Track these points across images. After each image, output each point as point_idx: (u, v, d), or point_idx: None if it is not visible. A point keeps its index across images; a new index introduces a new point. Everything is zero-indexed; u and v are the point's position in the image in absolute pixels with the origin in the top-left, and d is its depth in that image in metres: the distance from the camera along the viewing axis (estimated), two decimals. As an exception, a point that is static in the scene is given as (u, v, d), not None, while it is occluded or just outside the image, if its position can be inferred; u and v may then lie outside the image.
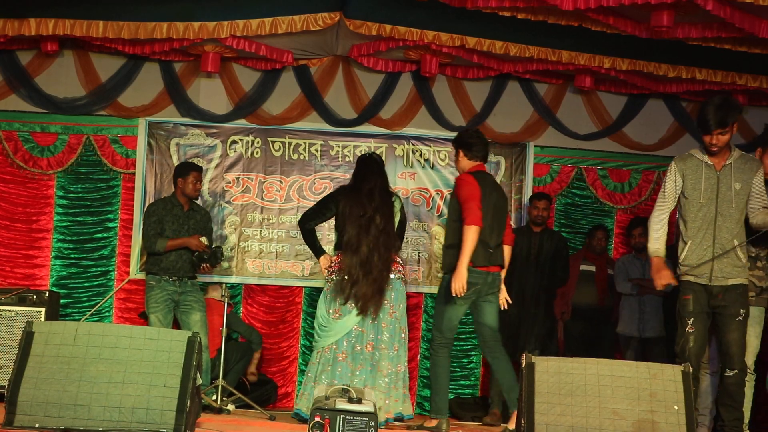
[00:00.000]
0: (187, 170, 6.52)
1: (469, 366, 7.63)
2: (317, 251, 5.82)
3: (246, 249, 7.51)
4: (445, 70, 7.47)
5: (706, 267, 4.72)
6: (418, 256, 7.59)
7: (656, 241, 4.84)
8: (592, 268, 7.41)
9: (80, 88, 7.36)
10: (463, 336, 7.53)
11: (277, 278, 7.53)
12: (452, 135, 7.39)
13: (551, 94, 7.75)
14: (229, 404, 6.21)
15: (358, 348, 5.57)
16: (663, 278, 4.80)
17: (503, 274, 5.57)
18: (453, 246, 5.35)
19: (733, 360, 4.73)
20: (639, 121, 7.84)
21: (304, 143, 7.61)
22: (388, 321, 5.58)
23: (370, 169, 5.69)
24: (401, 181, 7.56)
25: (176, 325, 6.49)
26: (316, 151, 7.59)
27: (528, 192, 7.62)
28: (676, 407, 3.78)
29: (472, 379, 7.62)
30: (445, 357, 5.53)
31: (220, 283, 6.95)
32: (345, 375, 5.51)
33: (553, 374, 3.83)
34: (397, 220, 5.64)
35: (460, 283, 5.22)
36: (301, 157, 7.61)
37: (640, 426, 3.72)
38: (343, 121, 7.59)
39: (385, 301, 5.57)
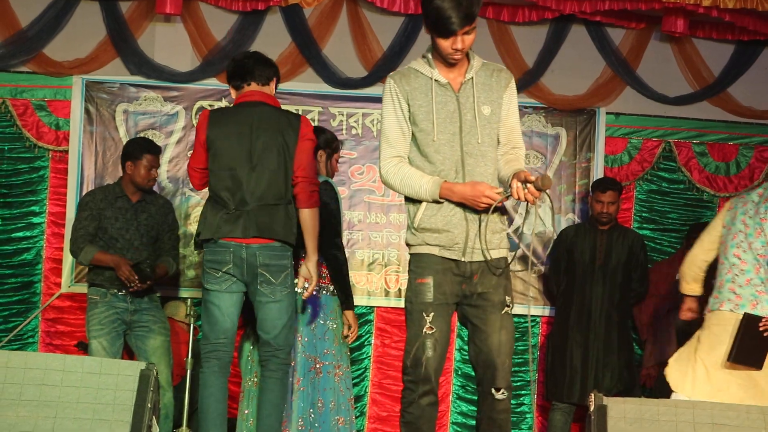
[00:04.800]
0: (140, 152, 6.40)
1: (519, 410, 7.62)
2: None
3: (218, 253, 7.52)
4: (486, 10, 7.47)
5: (458, 233, 4.14)
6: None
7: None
8: None
9: (-8, 36, 7.41)
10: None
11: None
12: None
13: (630, 42, 7.74)
14: (195, 459, 6.25)
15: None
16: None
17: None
18: None
19: (497, 374, 4.15)
20: (751, 79, 7.84)
21: (296, 110, 7.63)
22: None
23: None
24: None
25: (128, 353, 6.52)
26: (313, 120, 7.60)
27: (598, 175, 7.59)
28: (801, 466, 3.77)
29: (524, 427, 7.62)
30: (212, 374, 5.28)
31: (184, 299, 6.96)
32: None
33: (633, 421, 3.82)
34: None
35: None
36: (292, 128, 7.62)
37: (751, 492, 3.72)
38: (349, 81, 7.61)
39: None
